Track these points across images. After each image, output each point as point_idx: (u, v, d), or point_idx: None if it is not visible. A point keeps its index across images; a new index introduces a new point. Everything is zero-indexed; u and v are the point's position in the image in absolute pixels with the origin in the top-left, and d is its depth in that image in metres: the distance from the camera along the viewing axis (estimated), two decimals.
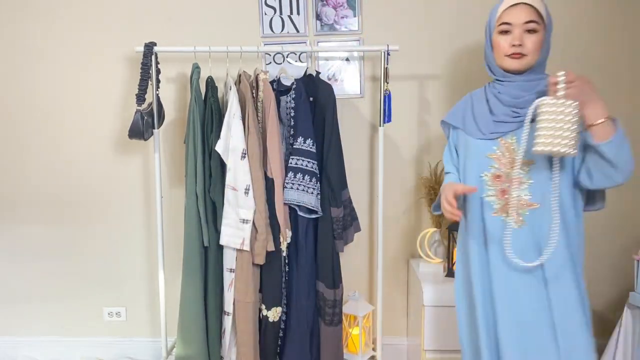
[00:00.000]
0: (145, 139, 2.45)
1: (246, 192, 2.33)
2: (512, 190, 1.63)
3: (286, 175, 2.35)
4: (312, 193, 2.32)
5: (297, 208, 2.37)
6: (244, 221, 2.34)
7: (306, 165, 2.32)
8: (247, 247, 2.34)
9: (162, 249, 2.53)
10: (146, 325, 2.89)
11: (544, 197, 1.61)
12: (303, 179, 2.31)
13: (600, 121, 1.50)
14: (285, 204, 2.36)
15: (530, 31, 1.62)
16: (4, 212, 2.83)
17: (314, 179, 2.33)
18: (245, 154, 2.32)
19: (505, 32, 1.64)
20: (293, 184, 2.32)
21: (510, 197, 1.63)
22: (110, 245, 2.83)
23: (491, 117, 1.67)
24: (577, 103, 1.48)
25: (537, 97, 1.58)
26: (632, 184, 2.72)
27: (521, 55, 1.62)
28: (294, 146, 2.33)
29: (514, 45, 1.62)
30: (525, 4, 1.62)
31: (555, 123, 1.48)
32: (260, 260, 2.36)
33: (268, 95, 2.33)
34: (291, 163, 2.34)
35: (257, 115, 2.39)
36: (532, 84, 1.66)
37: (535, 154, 1.56)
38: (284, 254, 2.41)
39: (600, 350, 2.21)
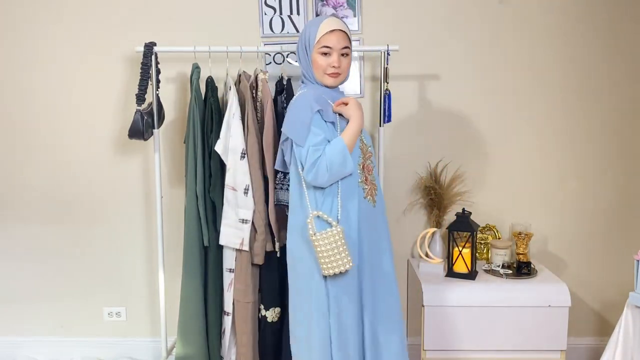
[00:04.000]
0: (145, 139, 2.45)
1: (245, 192, 2.33)
2: (369, 176, 1.99)
3: (275, 176, 2.30)
4: None
5: (286, 209, 2.24)
6: (244, 221, 2.33)
7: None
8: (246, 247, 2.34)
9: (162, 249, 2.53)
10: (146, 325, 2.89)
11: (378, 182, 2.05)
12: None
13: None
14: (275, 205, 2.31)
15: (344, 55, 1.95)
16: (4, 211, 2.83)
17: None
18: (244, 154, 2.32)
19: (325, 53, 1.93)
20: (283, 184, 2.27)
21: (369, 183, 1.98)
22: (110, 245, 2.83)
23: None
24: (339, 229, 1.83)
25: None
26: (632, 184, 2.72)
27: (338, 75, 1.95)
28: None
29: (333, 67, 1.93)
30: (341, 30, 1.94)
31: (330, 251, 1.82)
32: (260, 260, 2.36)
33: (266, 95, 2.33)
34: None
35: (257, 115, 2.39)
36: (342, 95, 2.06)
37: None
38: (278, 255, 2.39)
39: (600, 350, 2.21)
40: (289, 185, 2.12)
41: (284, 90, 2.42)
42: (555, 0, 2.63)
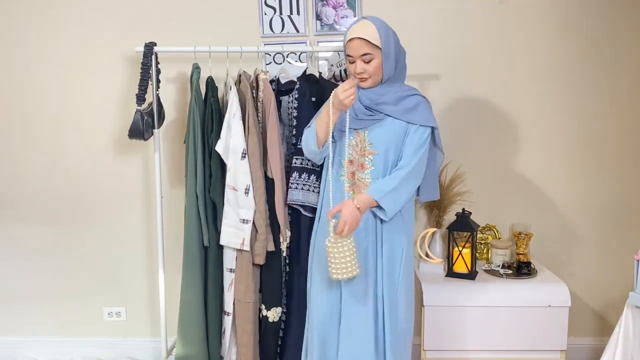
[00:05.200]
0: (145, 139, 2.45)
1: (246, 192, 2.33)
2: (358, 172, 2.06)
3: (290, 176, 2.33)
4: (317, 193, 2.29)
5: (301, 208, 2.34)
6: (244, 221, 2.34)
7: (312, 165, 2.30)
8: (247, 247, 2.34)
9: (162, 249, 2.53)
10: (146, 325, 2.89)
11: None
12: (308, 178, 2.30)
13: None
14: (290, 204, 2.33)
15: (367, 61, 1.97)
16: (4, 211, 2.83)
17: (320, 179, 2.30)
18: (245, 154, 2.32)
19: (350, 62, 2.01)
20: (298, 184, 2.30)
21: (356, 178, 2.06)
22: (110, 245, 2.83)
23: (352, 115, 2.04)
24: (351, 239, 1.93)
25: (391, 100, 2.03)
26: (632, 184, 2.72)
27: (365, 79, 2.01)
28: (298, 146, 2.31)
29: (357, 72, 2.00)
30: (360, 38, 1.95)
31: (339, 258, 1.92)
32: (260, 260, 2.36)
33: (268, 95, 2.33)
34: (295, 163, 2.33)
35: (257, 115, 2.39)
36: (384, 90, 2.05)
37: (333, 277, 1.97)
38: (284, 254, 2.40)
39: (600, 350, 2.21)
40: (304, 184, 2.27)
41: (292, 90, 2.40)
42: (555, 0, 2.63)
